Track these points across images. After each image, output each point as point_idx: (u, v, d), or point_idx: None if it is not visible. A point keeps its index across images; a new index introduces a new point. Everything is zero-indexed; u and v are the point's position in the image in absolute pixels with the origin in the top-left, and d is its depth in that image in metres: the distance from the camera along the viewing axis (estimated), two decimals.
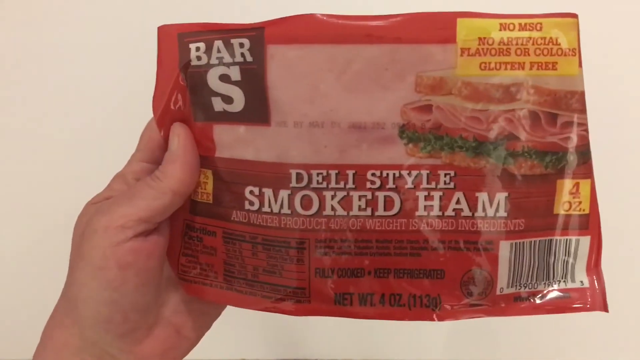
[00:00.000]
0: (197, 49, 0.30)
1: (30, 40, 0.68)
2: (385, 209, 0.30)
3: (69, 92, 0.67)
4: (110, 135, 0.65)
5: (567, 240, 0.30)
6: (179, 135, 0.31)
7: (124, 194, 0.32)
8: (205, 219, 0.33)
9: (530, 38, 0.28)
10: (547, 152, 0.29)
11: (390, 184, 0.30)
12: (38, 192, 0.67)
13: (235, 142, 0.31)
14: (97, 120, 0.67)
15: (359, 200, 0.30)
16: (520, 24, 0.28)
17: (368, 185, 0.30)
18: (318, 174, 0.30)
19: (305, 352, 0.63)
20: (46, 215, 0.67)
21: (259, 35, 0.29)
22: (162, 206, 0.31)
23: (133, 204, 0.30)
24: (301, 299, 0.31)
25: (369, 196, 0.30)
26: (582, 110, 0.29)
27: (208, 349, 0.37)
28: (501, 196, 0.30)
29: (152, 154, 0.33)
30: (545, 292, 0.31)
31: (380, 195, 0.30)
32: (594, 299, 0.31)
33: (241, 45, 0.29)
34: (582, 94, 0.29)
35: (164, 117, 0.32)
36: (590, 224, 0.30)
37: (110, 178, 0.34)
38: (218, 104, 0.31)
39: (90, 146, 0.66)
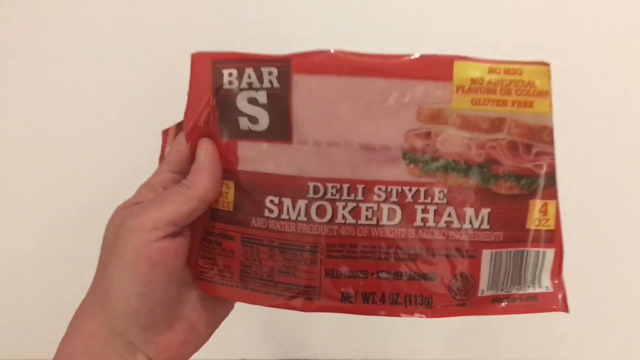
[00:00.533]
0: (230, 74, 0.34)
1: (46, 43, 0.70)
2: (388, 219, 0.35)
3: (77, 95, 0.70)
4: (113, 137, 0.68)
5: (536, 251, 0.36)
6: (207, 149, 0.35)
7: (155, 199, 0.35)
8: (225, 225, 0.36)
9: (512, 80, 0.34)
10: (523, 176, 0.35)
11: (394, 198, 0.35)
12: (38, 193, 0.69)
13: (257, 157, 0.35)
14: (102, 122, 0.69)
15: (367, 210, 0.35)
16: (505, 69, 0.34)
17: (375, 198, 0.35)
18: (332, 187, 0.34)
19: (306, 352, 0.66)
20: (47, 216, 0.68)
21: (286, 65, 0.34)
22: (189, 211, 0.34)
23: (163, 208, 0.34)
24: (312, 297, 0.35)
25: (375, 207, 0.35)
26: (551, 143, 0.35)
27: (208, 349, 0.40)
28: (485, 212, 0.35)
29: (179, 166, 0.37)
30: (517, 295, 0.36)
31: (385, 207, 0.35)
32: (557, 302, 0.36)
33: (270, 73, 0.34)
34: (552, 129, 0.35)
35: (192, 133, 0.36)
36: (555, 238, 0.36)
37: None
38: (244, 123, 0.35)
39: (93, 148, 0.69)
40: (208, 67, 0.35)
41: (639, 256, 0.67)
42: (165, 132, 0.45)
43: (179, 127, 0.55)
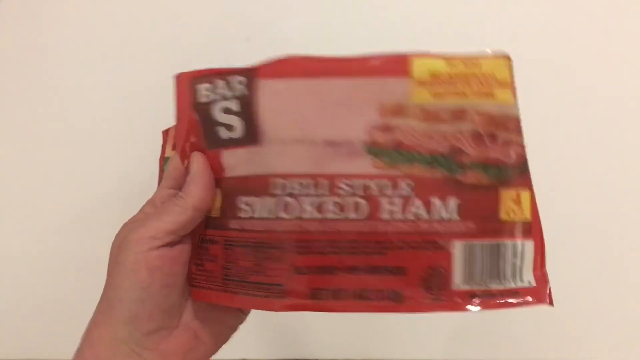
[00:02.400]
0: (205, 88, 0.38)
1: (47, 43, 0.75)
2: (354, 213, 0.35)
3: (78, 95, 0.73)
4: (114, 137, 0.71)
5: (513, 244, 0.35)
6: (197, 162, 0.38)
7: (154, 212, 0.38)
8: (213, 230, 0.38)
9: (471, 73, 0.35)
10: (490, 165, 0.35)
11: (359, 192, 0.35)
12: (38, 193, 0.72)
13: (238, 163, 0.37)
14: (102, 122, 0.72)
15: (333, 205, 0.35)
16: (463, 62, 0.35)
17: (340, 192, 0.35)
18: (297, 183, 0.36)
19: (305, 352, 0.65)
20: (47, 216, 0.71)
21: (253, 72, 0.36)
22: (185, 220, 0.37)
23: (161, 219, 0.37)
24: (282, 295, 0.36)
25: (341, 202, 0.35)
26: (518, 132, 0.35)
27: None
28: (453, 202, 0.35)
29: (176, 181, 0.40)
30: (496, 290, 0.35)
31: (351, 200, 0.35)
32: (539, 296, 0.35)
33: (239, 82, 0.37)
34: (517, 119, 0.35)
35: (184, 149, 0.39)
36: (533, 230, 0.35)
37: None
38: (224, 133, 0.37)
39: (93, 148, 0.71)
40: (188, 85, 0.38)
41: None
42: (166, 132, 0.48)
43: None
